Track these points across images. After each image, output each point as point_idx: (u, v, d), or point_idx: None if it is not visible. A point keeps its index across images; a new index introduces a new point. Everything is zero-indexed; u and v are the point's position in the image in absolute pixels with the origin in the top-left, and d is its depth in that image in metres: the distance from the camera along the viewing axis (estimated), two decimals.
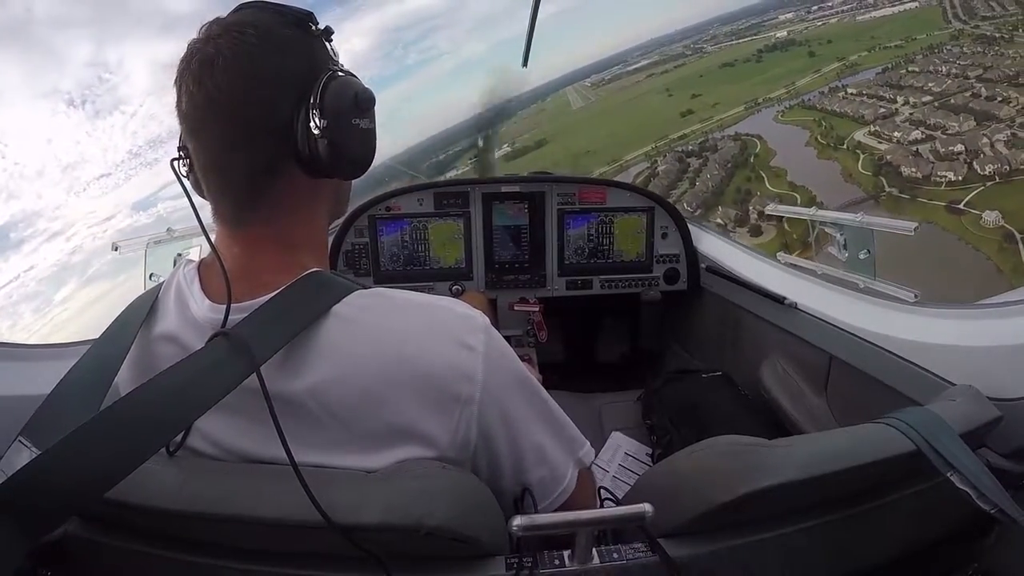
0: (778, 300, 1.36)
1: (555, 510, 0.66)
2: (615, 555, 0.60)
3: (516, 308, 1.76)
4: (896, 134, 34.55)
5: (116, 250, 1.92)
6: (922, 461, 0.64)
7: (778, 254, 1.92)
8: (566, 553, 0.60)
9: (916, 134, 33.88)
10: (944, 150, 31.93)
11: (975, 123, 32.69)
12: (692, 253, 1.81)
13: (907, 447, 0.65)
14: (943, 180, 30.85)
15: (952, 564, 0.79)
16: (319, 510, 0.49)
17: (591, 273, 1.82)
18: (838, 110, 39.27)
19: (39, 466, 0.45)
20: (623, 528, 0.67)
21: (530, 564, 0.57)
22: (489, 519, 0.58)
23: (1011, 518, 0.60)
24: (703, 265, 1.78)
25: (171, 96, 0.59)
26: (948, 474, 0.63)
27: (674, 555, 0.60)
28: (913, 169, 31.55)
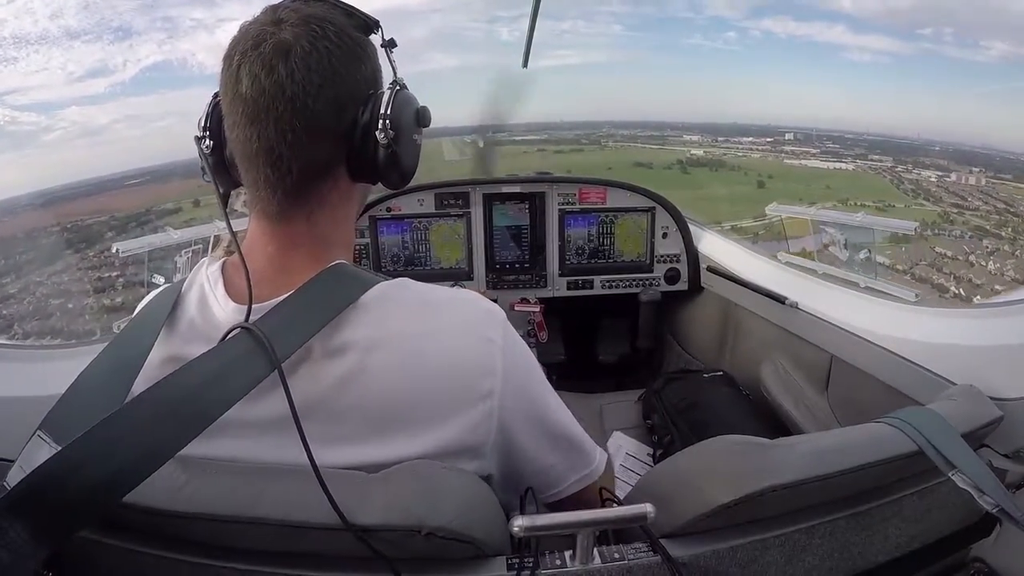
0: (779, 300, 1.36)
1: (567, 498, 0.67)
2: (616, 555, 0.60)
3: (517, 308, 1.76)
4: None
5: (117, 253, 1.93)
6: (924, 461, 0.64)
7: (779, 254, 1.92)
8: (567, 553, 0.60)
9: None
10: None
11: None
12: (693, 253, 1.81)
13: (909, 447, 0.65)
14: None
15: (953, 564, 0.79)
16: (338, 512, 0.49)
17: (592, 273, 1.82)
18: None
19: (61, 462, 0.44)
20: (625, 528, 0.67)
21: (531, 564, 0.57)
22: (490, 519, 0.58)
23: (1012, 518, 0.60)
24: (704, 265, 1.78)
25: (57, 2, 0.53)
26: (950, 474, 0.63)
27: (676, 555, 0.60)
28: None
